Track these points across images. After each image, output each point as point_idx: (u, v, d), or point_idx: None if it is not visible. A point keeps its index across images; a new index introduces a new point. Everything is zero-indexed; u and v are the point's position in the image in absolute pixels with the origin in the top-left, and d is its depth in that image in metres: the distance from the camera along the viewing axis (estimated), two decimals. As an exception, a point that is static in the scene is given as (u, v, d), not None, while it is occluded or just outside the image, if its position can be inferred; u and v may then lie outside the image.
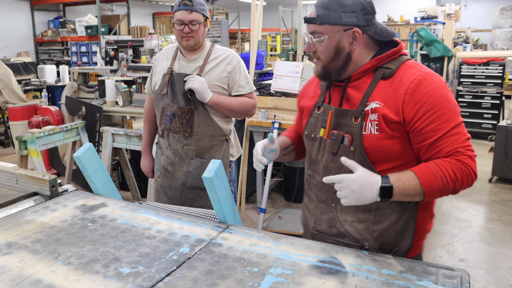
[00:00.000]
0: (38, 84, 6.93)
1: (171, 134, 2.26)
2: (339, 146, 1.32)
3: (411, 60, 1.34)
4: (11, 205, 1.51)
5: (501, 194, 4.74)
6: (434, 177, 1.19)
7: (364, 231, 1.34)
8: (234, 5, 15.34)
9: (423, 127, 1.23)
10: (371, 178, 1.19)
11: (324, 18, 1.30)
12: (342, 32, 1.31)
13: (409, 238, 1.35)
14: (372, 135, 1.27)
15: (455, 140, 1.22)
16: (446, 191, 1.21)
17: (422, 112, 1.22)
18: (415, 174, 1.20)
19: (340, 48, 1.32)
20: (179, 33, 2.17)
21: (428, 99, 1.22)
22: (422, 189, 1.19)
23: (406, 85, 1.25)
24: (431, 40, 5.19)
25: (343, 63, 1.33)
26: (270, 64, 6.18)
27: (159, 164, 2.38)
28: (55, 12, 11.84)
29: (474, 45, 12.08)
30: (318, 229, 1.44)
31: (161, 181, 2.36)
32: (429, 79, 1.24)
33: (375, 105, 1.27)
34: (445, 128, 1.22)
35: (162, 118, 2.28)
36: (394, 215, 1.32)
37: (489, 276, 3.07)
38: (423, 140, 1.24)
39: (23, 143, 3.58)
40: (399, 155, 1.28)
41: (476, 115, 7.14)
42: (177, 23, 2.16)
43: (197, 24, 2.15)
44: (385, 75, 1.30)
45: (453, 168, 1.19)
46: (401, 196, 1.20)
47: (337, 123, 1.34)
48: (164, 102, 2.27)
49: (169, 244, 1.25)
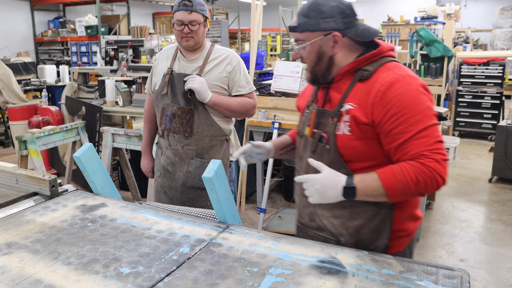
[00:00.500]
0: (38, 84, 6.93)
1: (171, 134, 2.25)
2: (317, 145, 1.39)
3: (393, 62, 1.36)
4: (11, 205, 1.51)
5: (501, 194, 4.74)
6: (395, 180, 1.21)
7: (339, 227, 1.39)
8: (234, 5, 15.34)
9: (391, 129, 1.25)
10: (335, 178, 1.25)
11: (304, 25, 1.36)
12: (323, 38, 1.36)
13: (386, 236, 1.37)
14: (345, 135, 1.32)
15: (421, 143, 1.22)
16: (409, 193, 1.22)
17: (390, 114, 1.24)
18: (378, 175, 1.23)
19: (322, 53, 1.37)
20: (179, 34, 2.17)
21: (397, 102, 1.24)
22: (384, 191, 1.22)
23: (377, 87, 1.28)
24: (431, 40, 5.18)
25: (326, 67, 1.39)
26: (270, 64, 6.18)
27: (159, 164, 2.38)
28: (55, 12, 11.84)
29: (474, 45, 12.07)
30: (301, 222, 1.52)
31: (161, 181, 2.36)
32: (401, 82, 1.26)
33: (349, 106, 1.32)
34: (412, 131, 1.22)
35: (162, 118, 2.28)
36: (369, 213, 1.36)
37: (489, 276, 3.07)
38: (391, 142, 1.26)
39: (23, 143, 3.58)
40: (370, 155, 1.32)
41: (476, 115, 7.14)
42: (177, 23, 2.16)
43: (197, 25, 2.15)
44: (363, 77, 1.33)
45: (415, 172, 1.20)
46: (365, 196, 1.24)
47: (318, 123, 1.41)
48: (164, 102, 2.27)
49: (169, 244, 1.25)
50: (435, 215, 4.16)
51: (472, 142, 7.09)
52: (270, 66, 5.83)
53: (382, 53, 1.36)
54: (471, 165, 5.81)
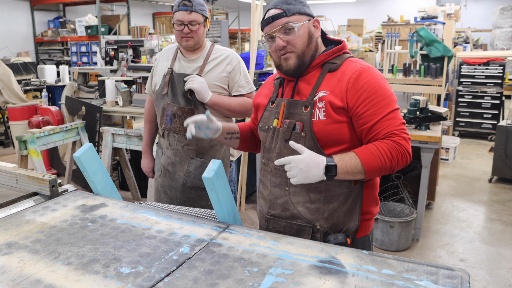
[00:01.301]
0: (38, 84, 6.93)
1: (172, 134, 2.25)
2: (291, 133, 1.45)
3: (353, 57, 1.51)
4: (11, 205, 1.51)
5: (501, 194, 4.74)
6: (373, 156, 1.34)
7: (315, 212, 1.45)
8: (234, 5, 15.34)
9: (363, 112, 1.38)
10: (317, 158, 1.33)
11: (292, 9, 1.43)
12: (309, 21, 1.46)
13: (357, 218, 1.47)
14: (320, 120, 1.41)
15: (391, 124, 1.37)
16: (384, 169, 1.36)
17: (363, 98, 1.38)
18: (356, 154, 1.35)
19: (311, 35, 1.46)
20: (179, 34, 2.17)
21: (368, 88, 1.38)
22: (363, 167, 1.34)
23: (349, 75, 1.41)
24: (431, 40, 5.18)
25: (314, 50, 1.47)
26: (270, 64, 6.18)
27: (159, 164, 2.38)
28: (55, 12, 11.83)
29: (474, 45, 12.07)
30: (272, 214, 1.54)
31: (162, 181, 2.36)
32: (368, 71, 1.41)
33: (322, 94, 1.42)
34: (382, 113, 1.37)
35: (163, 118, 2.28)
36: (342, 195, 1.45)
37: (489, 276, 3.07)
38: (364, 124, 1.39)
39: (23, 143, 3.58)
40: (344, 138, 1.42)
41: (476, 115, 7.14)
42: (177, 23, 2.16)
43: (197, 25, 2.16)
44: (331, 69, 1.45)
45: (389, 148, 1.34)
46: (345, 174, 1.34)
47: (289, 113, 1.47)
48: (164, 102, 2.27)
49: (169, 244, 1.25)
50: (435, 215, 4.16)
51: (472, 142, 7.09)
52: (270, 66, 5.83)
53: (344, 49, 1.50)
54: (471, 165, 5.81)
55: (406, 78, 5.37)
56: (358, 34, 10.59)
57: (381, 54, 8.47)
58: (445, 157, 5.85)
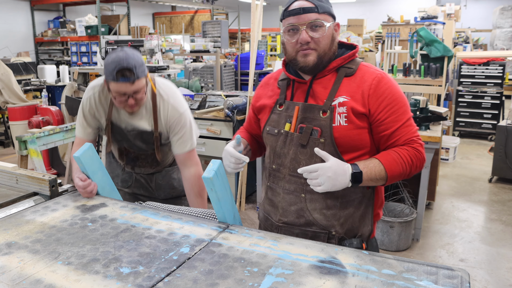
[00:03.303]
0: (38, 84, 6.92)
1: (137, 168, 2.13)
2: (309, 138, 1.40)
3: (363, 61, 1.50)
4: (11, 205, 1.51)
5: (501, 194, 4.74)
6: (395, 163, 1.36)
7: (331, 218, 1.43)
8: (234, 5, 15.34)
9: (384, 118, 1.38)
10: (343, 166, 1.32)
11: (323, 7, 1.39)
12: (333, 23, 1.42)
13: (370, 222, 1.48)
14: (341, 126, 1.38)
15: (409, 131, 1.40)
16: (404, 174, 1.39)
17: (384, 105, 1.38)
18: (379, 161, 1.36)
19: (334, 37, 1.43)
20: (122, 104, 1.82)
21: (388, 94, 1.38)
22: (386, 173, 1.35)
23: (369, 81, 1.39)
24: (431, 40, 5.18)
25: (333, 53, 1.43)
26: (270, 64, 6.19)
27: (121, 174, 2.20)
28: (55, 12, 11.83)
29: (474, 45, 12.07)
30: (284, 221, 1.48)
31: (134, 190, 2.22)
32: (386, 78, 1.41)
33: (343, 99, 1.39)
34: (401, 119, 1.39)
35: (122, 157, 2.10)
36: (357, 200, 1.44)
37: (489, 276, 3.07)
38: (384, 130, 1.39)
39: (23, 143, 3.58)
40: (364, 144, 1.41)
41: (476, 115, 7.13)
42: (118, 94, 1.78)
43: (141, 90, 1.81)
44: (348, 74, 1.43)
45: (410, 155, 1.37)
46: (369, 181, 1.35)
47: (304, 117, 1.43)
48: (121, 145, 2.06)
49: (169, 244, 1.25)
50: (435, 215, 4.15)
51: (472, 142, 7.09)
52: (270, 66, 5.84)
53: (356, 54, 1.48)
54: (471, 165, 5.81)
55: (406, 78, 5.36)
56: (358, 34, 10.58)
57: (381, 54, 8.47)
58: (445, 157, 5.85)
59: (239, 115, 4.01)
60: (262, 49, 5.55)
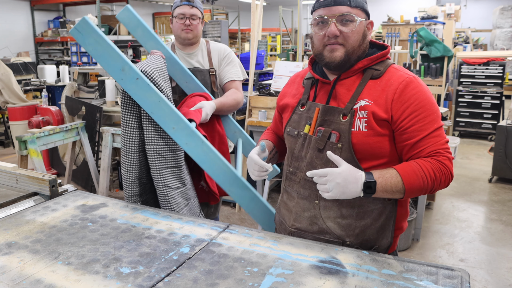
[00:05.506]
0: (38, 84, 6.92)
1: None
2: (326, 143, 1.33)
3: (395, 64, 1.39)
4: (11, 205, 1.51)
5: (501, 194, 4.74)
6: (415, 176, 1.23)
7: (346, 227, 1.34)
8: (234, 5, 15.34)
9: (408, 126, 1.27)
10: (356, 173, 1.22)
11: (357, 1, 1.31)
12: (366, 20, 1.34)
13: (390, 235, 1.37)
14: (361, 131, 1.29)
15: (436, 142, 1.27)
16: (425, 189, 1.25)
17: (409, 112, 1.27)
18: (397, 172, 1.24)
19: (365, 35, 1.35)
20: (180, 26, 2.28)
21: (415, 100, 1.27)
22: (404, 186, 1.23)
23: (395, 85, 1.29)
24: (431, 40, 5.18)
25: (362, 52, 1.35)
26: (270, 64, 6.18)
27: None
28: (55, 12, 11.84)
29: (474, 45, 12.07)
30: (297, 227, 1.41)
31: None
32: (415, 82, 1.30)
33: (365, 103, 1.30)
34: (428, 129, 1.27)
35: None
36: (376, 211, 1.34)
37: (489, 276, 3.07)
38: (407, 139, 1.28)
39: (23, 143, 3.58)
40: (384, 153, 1.31)
41: (476, 115, 7.13)
42: (179, 16, 2.28)
43: (197, 19, 2.31)
44: (374, 76, 1.33)
45: (434, 168, 1.24)
46: (383, 193, 1.23)
47: (323, 120, 1.35)
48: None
49: (169, 244, 1.25)
50: (435, 215, 4.15)
51: (472, 142, 7.09)
52: (270, 66, 5.84)
53: (387, 55, 1.38)
54: (471, 165, 5.81)
55: (406, 78, 5.36)
56: (358, 34, 10.56)
57: (381, 54, 8.45)
58: (445, 157, 5.84)
59: (239, 115, 4.01)
60: (262, 49, 5.54)
